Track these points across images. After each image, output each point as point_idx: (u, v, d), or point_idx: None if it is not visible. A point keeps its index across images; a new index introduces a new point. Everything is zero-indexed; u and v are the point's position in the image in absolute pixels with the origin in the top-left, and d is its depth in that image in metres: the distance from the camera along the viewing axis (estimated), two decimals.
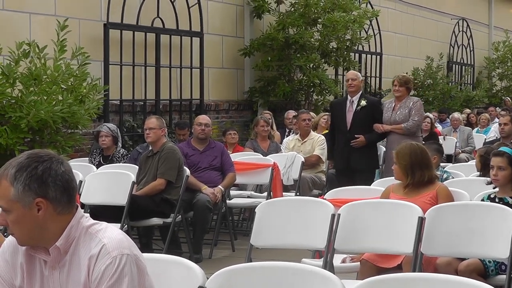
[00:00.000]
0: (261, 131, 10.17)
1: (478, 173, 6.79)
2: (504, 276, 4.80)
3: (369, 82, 16.24)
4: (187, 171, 7.73)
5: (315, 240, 4.90)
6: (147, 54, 10.59)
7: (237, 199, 8.94)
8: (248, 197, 9.02)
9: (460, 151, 13.26)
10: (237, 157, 9.09)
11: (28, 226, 2.66)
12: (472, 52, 21.50)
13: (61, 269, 2.72)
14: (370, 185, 6.74)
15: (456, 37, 20.71)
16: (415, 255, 4.69)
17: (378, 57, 16.38)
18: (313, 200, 5.45)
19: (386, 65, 16.82)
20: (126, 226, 7.03)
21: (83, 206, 7.11)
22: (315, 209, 5.02)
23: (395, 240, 4.81)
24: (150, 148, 7.85)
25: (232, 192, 9.04)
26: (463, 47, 21.09)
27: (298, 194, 8.84)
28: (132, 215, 7.19)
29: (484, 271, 4.98)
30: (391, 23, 17.62)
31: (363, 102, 8.67)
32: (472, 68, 21.59)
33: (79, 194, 7.09)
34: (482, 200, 5.34)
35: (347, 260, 5.34)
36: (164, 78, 10.89)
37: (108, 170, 7.94)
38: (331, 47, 13.28)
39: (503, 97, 21.18)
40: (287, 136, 10.81)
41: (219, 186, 8.05)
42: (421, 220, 4.73)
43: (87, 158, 8.96)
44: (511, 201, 5.27)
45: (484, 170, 6.35)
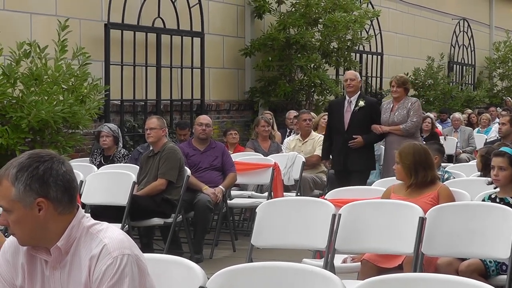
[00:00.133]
0: (262, 131, 10.16)
1: (479, 173, 6.78)
2: (505, 276, 4.80)
3: (370, 82, 16.24)
4: (188, 171, 7.73)
5: (316, 240, 4.90)
6: (148, 54, 10.59)
7: (238, 199, 8.94)
8: (249, 197, 9.02)
9: (461, 151, 13.26)
10: (238, 157, 9.09)
11: (29, 226, 2.66)
12: (473, 52, 21.50)
13: (62, 269, 2.72)
14: (364, 185, 6.73)
15: (457, 37, 20.70)
16: (416, 255, 4.69)
17: (379, 57, 16.38)
18: (314, 200, 5.45)
19: (387, 65, 16.82)
20: (127, 226, 7.03)
21: (84, 206, 7.11)
22: (316, 209, 5.02)
23: (396, 240, 4.81)
24: (151, 148, 7.85)
25: (233, 192, 9.04)
26: (464, 47, 21.08)
27: (299, 194, 8.83)
28: (133, 215, 7.19)
29: (485, 271, 4.98)
30: (392, 23, 17.62)
31: (361, 103, 8.56)
32: (473, 68, 21.58)
33: (80, 194, 7.09)
34: (483, 200, 5.33)
35: (348, 260, 5.33)
36: (165, 78, 10.89)
37: (109, 170, 7.94)
38: (332, 47, 13.28)
39: (504, 97, 21.17)
40: (288, 136, 10.81)
41: (220, 186, 8.04)
42: (422, 220, 4.72)
43: (88, 158, 8.95)
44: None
45: (485, 170, 6.34)
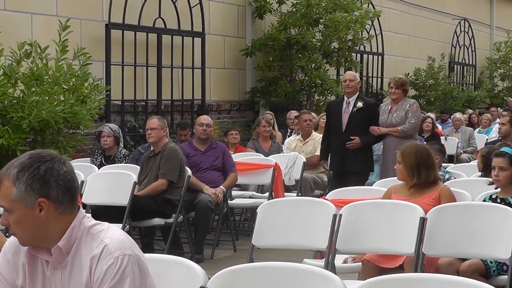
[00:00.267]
0: (262, 131, 10.17)
1: (480, 173, 6.78)
2: (505, 277, 4.80)
3: (370, 83, 16.24)
4: (189, 171, 7.73)
5: (317, 240, 4.90)
6: (149, 54, 10.59)
7: (239, 200, 8.94)
8: (250, 197, 9.02)
9: (462, 151, 13.26)
10: (238, 157, 9.09)
11: (30, 226, 2.66)
12: (473, 53, 21.49)
13: (63, 270, 2.72)
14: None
15: (457, 37, 20.70)
16: (417, 255, 4.69)
17: (380, 57, 16.38)
18: (315, 200, 5.44)
19: (388, 66, 16.82)
20: (128, 226, 7.03)
21: (84, 206, 7.11)
22: (316, 209, 5.01)
23: (396, 241, 4.81)
24: (152, 149, 7.85)
25: (234, 193, 9.04)
26: (465, 47, 21.07)
27: (299, 194, 8.84)
28: (133, 215, 7.19)
29: (485, 271, 4.98)
30: (392, 23, 17.61)
31: (360, 104, 8.51)
32: (473, 69, 21.57)
33: (81, 195, 7.09)
34: (484, 201, 5.33)
35: (348, 260, 5.33)
36: (165, 78, 10.89)
37: (109, 171, 7.94)
38: (332, 47, 13.28)
39: (505, 98, 21.17)
40: (289, 137, 10.81)
41: (221, 186, 8.04)
42: (423, 221, 4.72)
43: (89, 159, 8.95)
44: None
45: (486, 170, 6.34)
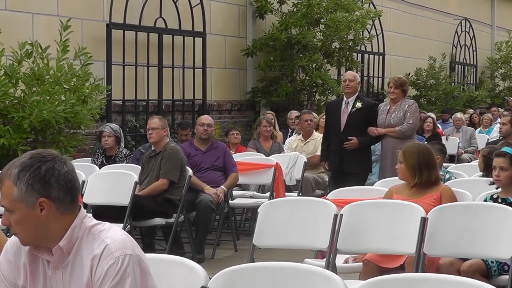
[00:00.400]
0: (263, 131, 10.16)
1: (481, 173, 6.78)
2: (506, 277, 4.80)
3: (371, 82, 16.24)
4: (190, 171, 7.73)
5: (318, 240, 4.90)
6: (150, 54, 10.59)
7: (240, 199, 8.94)
8: (251, 197, 9.02)
9: (463, 151, 13.26)
10: (239, 157, 9.09)
11: (31, 226, 2.66)
12: (474, 52, 21.49)
13: (64, 269, 2.72)
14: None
15: (458, 37, 20.69)
16: (418, 255, 4.69)
17: (381, 57, 16.37)
18: (316, 200, 5.44)
19: (389, 65, 16.81)
20: (129, 226, 7.04)
21: (85, 206, 7.12)
22: (317, 209, 5.01)
23: (397, 241, 4.81)
24: (153, 148, 7.85)
25: (235, 192, 9.04)
26: (466, 47, 21.07)
27: (300, 194, 8.84)
28: (134, 215, 7.19)
29: (486, 271, 4.98)
30: (393, 23, 17.61)
31: (359, 104, 8.47)
32: (474, 68, 21.57)
33: (82, 194, 7.10)
34: (485, 201, 5.33)
35: (349, 260, 5.33)
36: (166, 78, 10.90)
37: (110, 170, 7.94)
38: (333, 47, 13.27)
39: (506, 97, 21.17)
40: (290, 137, 10.82)
41: (222, 186, 8.04)
42: (424, 221, 4.72)
43: (90, 158, 8.95)
44: None
45: (487, 170, 6.33)
